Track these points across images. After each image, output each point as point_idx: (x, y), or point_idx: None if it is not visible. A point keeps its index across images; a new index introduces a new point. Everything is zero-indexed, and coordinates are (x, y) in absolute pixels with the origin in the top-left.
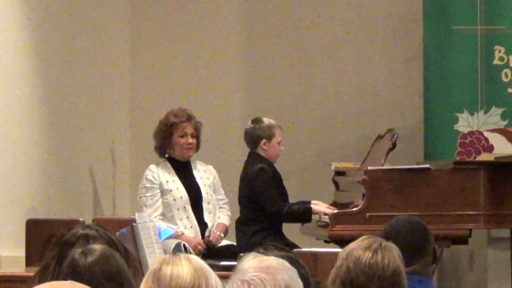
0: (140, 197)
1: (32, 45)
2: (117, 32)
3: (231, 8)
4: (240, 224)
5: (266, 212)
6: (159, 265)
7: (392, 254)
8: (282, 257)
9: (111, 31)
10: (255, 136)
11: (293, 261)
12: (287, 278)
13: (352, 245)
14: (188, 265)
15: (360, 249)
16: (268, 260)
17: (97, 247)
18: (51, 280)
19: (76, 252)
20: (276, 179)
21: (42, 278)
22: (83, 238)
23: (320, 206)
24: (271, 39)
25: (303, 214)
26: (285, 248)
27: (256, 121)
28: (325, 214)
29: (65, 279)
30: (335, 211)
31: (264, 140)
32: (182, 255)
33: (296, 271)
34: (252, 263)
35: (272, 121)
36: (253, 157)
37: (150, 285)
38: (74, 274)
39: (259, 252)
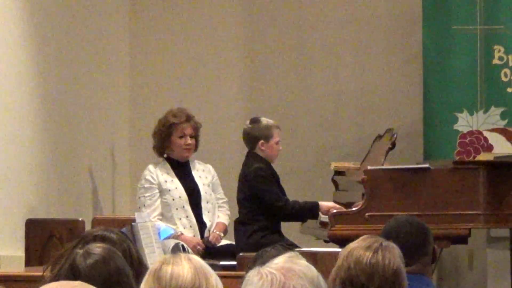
0: (139, 197)
1: (32, 45)
2: (117, 32)
3: (231, 8)
4: (239, 223)
5: (270, 208)
6: (160, 265)
7: (393, 254)
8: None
9: (111, 31)
10: (252, 137)
11: None
12: (299, 287)
13: (352, 244)
14: (189, 265)
15: (361, 248)
16: (296, 264)
17: (98, 249)
18: (59, 271)
19: (78, 254)
20: (273, 178)
21: (54, 268)
22: (99, 239)
23: (326, 203)
24: (271, 39)
25: (309, 209)
26: (292, 248)
27: (254, 121)
28: (334, 208)
29: (64, 279)
30: (334, 210)
31: (262, 141)
32: (183, 255)
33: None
34: (281, 260)
35: (270, 121)
36: (251, 157)
37: (150, 284)
38: (74, 275)
39: (266, 252)
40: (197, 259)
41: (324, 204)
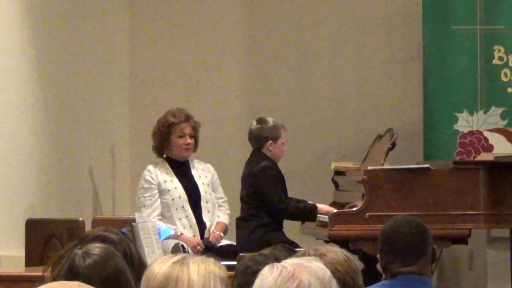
0: (139, 198)
1: (32, 45)
2: (117, 32)
3: (231, 8)
4: (241, 220)
5: (271, 208)
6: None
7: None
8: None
9: (111, 31)
10: (261, 137)
11: None
12: (307, 283)
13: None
14: (197, 266)
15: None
16: (310, 263)
17: (97, 249)
18: (59, 272)
19: (77, 254)
20: (280, 178)
21: (54, 268)
22: (100, 239)
23: (324, 206)
24: (271, 39)
25: (309, 212)
26: (294, 250)
27: (262, 121)
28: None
29: (64, 279)
30: (335, 210)
31: (270, 142)
32: (191, 257)
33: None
34: (297, 259)
35: (277, 121)
36: (257, 156)
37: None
38: (73, 275)
39: (267, 251)
40: (204, 261)
41: (323, 208)
